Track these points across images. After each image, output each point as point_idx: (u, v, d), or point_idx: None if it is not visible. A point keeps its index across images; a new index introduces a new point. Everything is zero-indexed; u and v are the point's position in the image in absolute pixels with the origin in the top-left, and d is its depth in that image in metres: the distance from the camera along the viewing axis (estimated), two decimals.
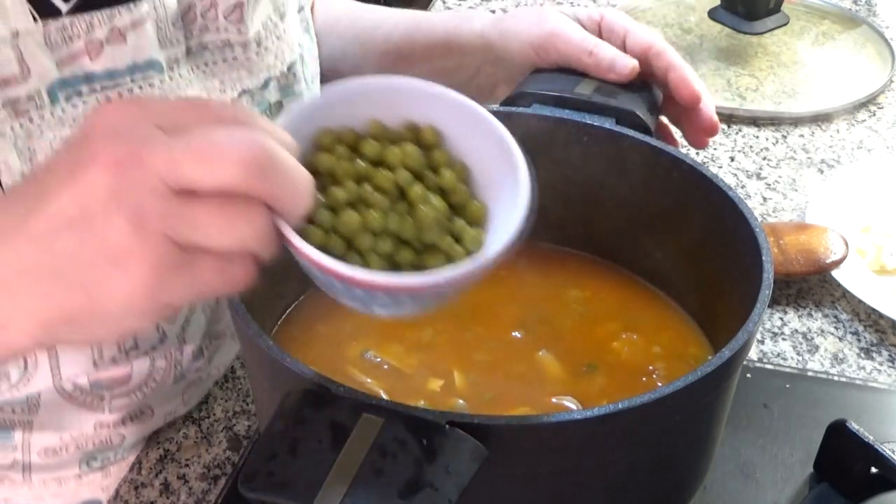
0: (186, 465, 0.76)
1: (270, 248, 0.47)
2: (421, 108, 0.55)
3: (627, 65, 0.78)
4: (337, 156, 0.53)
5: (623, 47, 0.80)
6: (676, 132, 0.84)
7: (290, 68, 0.79)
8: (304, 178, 0.48)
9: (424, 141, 0.55)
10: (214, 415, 0.79)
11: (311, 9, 0.92)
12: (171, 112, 0.47)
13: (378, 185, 0.52)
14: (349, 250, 0.51)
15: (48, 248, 0.46)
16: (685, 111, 0.81)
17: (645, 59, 0.79)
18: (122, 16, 0.66)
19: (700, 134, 0.81)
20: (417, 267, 0.52)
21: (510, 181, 0.54)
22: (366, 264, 0.51)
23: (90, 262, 0.45)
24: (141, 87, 0.68)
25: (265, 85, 0.77)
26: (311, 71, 0.84)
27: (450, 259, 0.53)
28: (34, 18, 0.62)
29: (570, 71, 0.80)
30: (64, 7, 0.64)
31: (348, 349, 0.69)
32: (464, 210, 0.55)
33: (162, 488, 0.74)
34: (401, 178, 0.53)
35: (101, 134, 0.46)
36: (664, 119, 0.84)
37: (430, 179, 0.54)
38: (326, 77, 0.92)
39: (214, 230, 0.45)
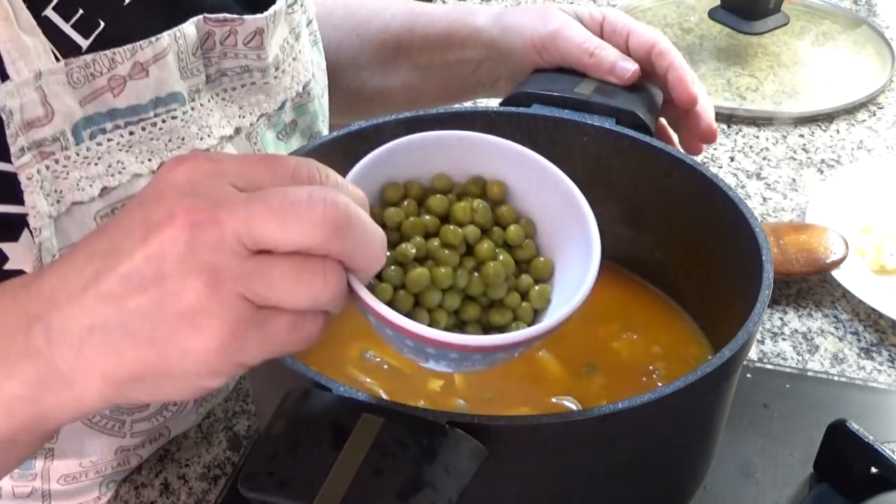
0: (186, 465, 0.76)
1: (343, 304, 0.48)
2: (486, 161, 0.55)
3: (629, 68, 0.78)
4: (405, 211, 0.53)
5: (626, 46, 0.80)
6: (675, 137, 0.84)
7: (304, 87, 0.79)
8: (379, 236, 0.48)
9: (491, 195, 0.55)
10: (214, 415, 0.79)
11: None
12: (245, 168, 0.47)
13: (446, 241, 0.52)
14: (416, 306, 0.51)
15: (120, 308, 0.46)
16: (683, 114, 0.81)
17: (647, 59, 0.79)
18: (143, 50, 0.65)
19: (695, 139, 0.82)
20: (483, 323, 0.53)
21: (578, 235, 0.54)
22: (433, 321, 0.51)
23: (164, 321, 0.45)
24: (164, 121, 0.67)
25: (282, 107, 0.77)
26: (320, 86, 0.84)
27: (516, 315, 0.53)
28: (56, 58, 0.62)
29: (570, 71, 0.80)
30: (84, 43, 0.63)
31: (348, 349, 0.69)
32: (530, 265, 0.55)
33: (162, 488, 0.74)
34: (469, 234, 0.53)
35: (177, 192, 0.45)
36: (663, 121, 0.84)
37: (497, 234, 0.54)
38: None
39: (290, 289, 0.45)
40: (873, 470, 0.68)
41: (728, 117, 1.16)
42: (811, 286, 0.92)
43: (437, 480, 0.47)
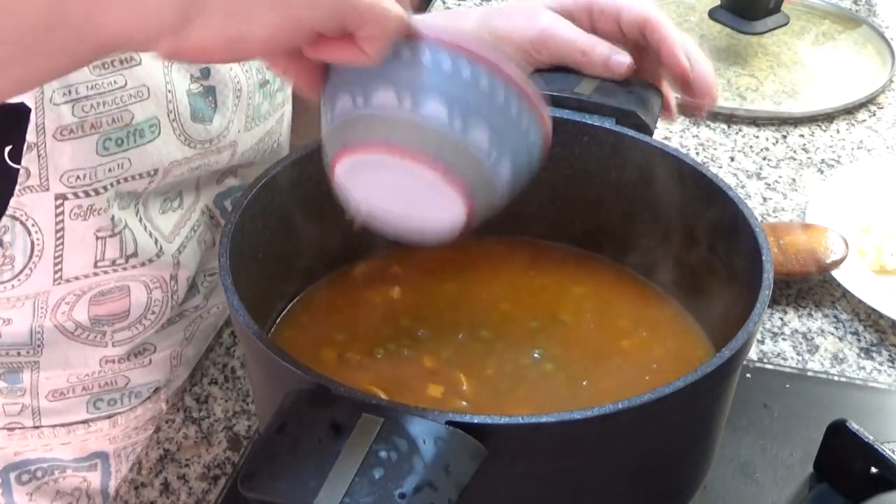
0: (186, 465, 0.76)
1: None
2: None
3: (623, 62, 0.77)
4: None
5: (619, 28, 0.80)
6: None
7: None
8: None
9: None
10: (214, 415, 0.79)
11: None
12: None
13: None
14: None
15: None
16: (686, 84, 0.80)
17: (641, 36, 0.79)
18: None
19: (694, 104, 0.80)
20: None
21: None
22: None
23: None
24: None
25: None
26: None
27: None
28: None
29: (570, 70, 0.80)
30: None
31: (348, 349, 0.69)
32: None
33: (162, 488, 0.74)
34: None
35: None
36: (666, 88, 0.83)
37: None
38: None
39: None
40: (873, 470, 0.68)
41: (728, 117, 1.16)
42: (811, 286, 0.92)
43: (436, 480, 0.47)
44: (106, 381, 0.78)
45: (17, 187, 0.67)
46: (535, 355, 0.68)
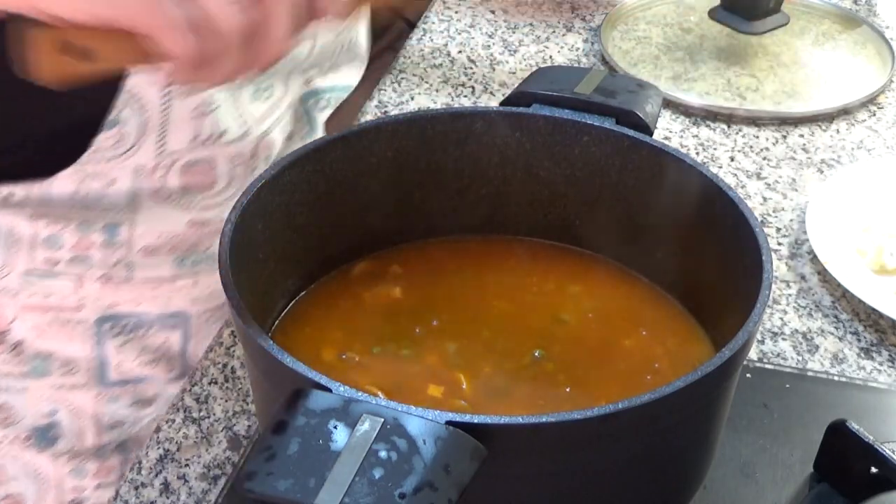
0: (186, 465, 0.76)
1: None
2: None
3: None
4: None
5: None
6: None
7: None
8: None
9: None
10: (214, 415, 0.79)
11: None
12: None
13: None
14: None
15: None
16: None
17: None
18: None
19: None
20: None
21: None
22: None
23: None
24: None
25: None
26: None
27: None
28: None
29: (571, 69, 0.80)
30: None
31: (348, 349, 0.69)
32: None
33: (162, 488, 0.74)
34: None
35: None
36: None
37: None
38: None
39: None
40: (873, 470, 0.68)
41: (728, 117, 1.16)
42: (811, 286, 0.92)
43: (436, 480, 0.47)
44: (191, 242, 0.85)
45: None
46: (535, 355, 0.68)
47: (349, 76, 0.99)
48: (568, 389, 0.66)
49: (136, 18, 0.53)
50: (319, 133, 0.99)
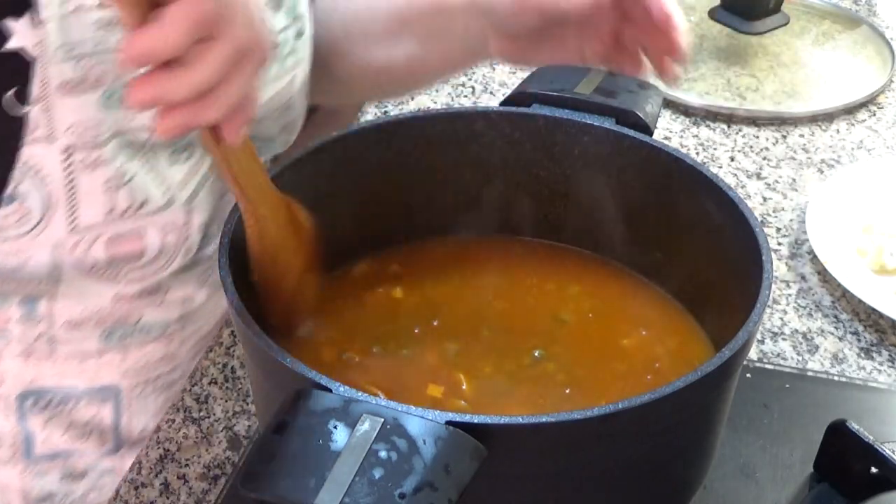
0: (186, 465, 0.76)
1: None
2: None
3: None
4: None
5: None
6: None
7: None
8: None
9: None
10: (214, 415, 0.79)
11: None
12: None
13: None
14: None
15: None
16: (653, 32, 0.79)
17: None
18: None
19: (664, 57, 0.80)
20: None
21: None
22: None
23: None
24: None
25: None
26: None
27: None
28: None
29: (571, 69, 0.80)
30: None
31: (348, 349, 0.69)
32: None
33: (162, 488, 0.74)
34: None
35: None
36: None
37: None
38: (341, 43, 0.93)
39: None
40: (873, 470, 0.68)
41: (728, 117, 1.16)
42: (811, 286, 0.92)
43: (436, 480, 0.47)
44: (119, 315, 0.81)
45: (26, 138, 0.70)
46: (535, 355, 0.68)
47: (277, 132, 0.92)
48: (568, 390, 0.66)
49: None
50: None
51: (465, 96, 1.18)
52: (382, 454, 0.48)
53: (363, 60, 0.95)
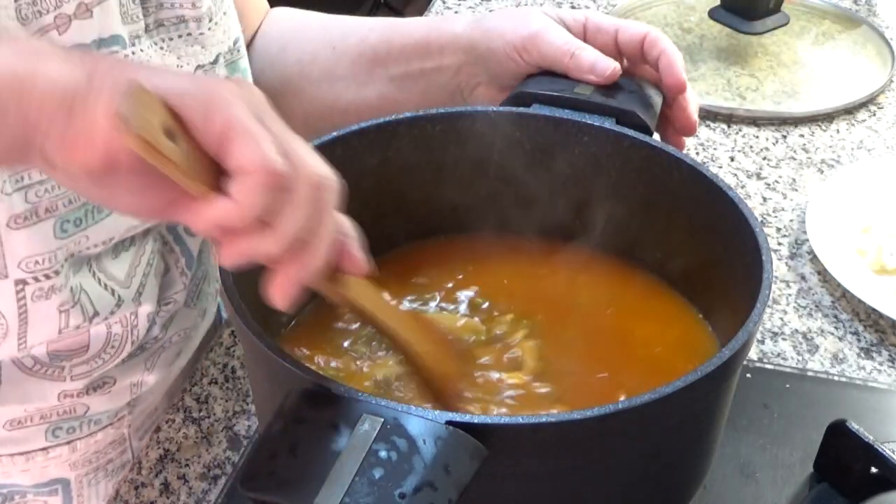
0: (186, 465, 0.76)
1: None
2: None
3: (608, 67, 0.78)
4: None
5: (615, 44, 0.80)
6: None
7: (235, 43, 0.82)
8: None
9: None
10: (214, 415, 0.79)
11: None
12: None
13: None
14: None
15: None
16: (668, 104, 0.80)
17: (639, 50, 0.79)
18: None
19: (677, 132, 0.82)
20: None
21: None
22: None
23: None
24: None
25: (215, 60, 0.80)
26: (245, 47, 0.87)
27: None
28: None
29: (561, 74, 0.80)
30: None
31: (349, 349, 0.68)
32: None
33: (162, 488, 0.74)
34: None
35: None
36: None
37: None
38: (295, 81, 0.92)
39: None
40: (873, 470, 0.68)
41: (728, 117, 1.16)
42: (811, 286, 0.92)
43: (436, 480, 0.47)
44: (64, 410, 0.78)
45: None
46: (539, 349, 0.68)
47: None
48: (571, 385, 0.66)
49: None
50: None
51: None
52: (382, 454, 0.48)
53: (327, 99, 0.93)
